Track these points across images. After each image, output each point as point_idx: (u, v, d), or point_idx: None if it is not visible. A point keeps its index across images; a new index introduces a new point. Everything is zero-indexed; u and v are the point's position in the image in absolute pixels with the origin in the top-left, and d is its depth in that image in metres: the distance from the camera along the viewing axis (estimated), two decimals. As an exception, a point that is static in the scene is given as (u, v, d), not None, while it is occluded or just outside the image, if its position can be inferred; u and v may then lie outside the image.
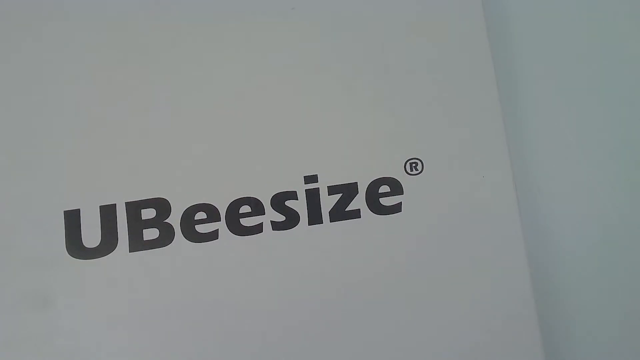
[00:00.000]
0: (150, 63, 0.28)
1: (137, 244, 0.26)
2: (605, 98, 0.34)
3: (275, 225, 0.27)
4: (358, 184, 0.28)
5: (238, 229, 0.27)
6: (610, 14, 0.36)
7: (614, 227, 0.33)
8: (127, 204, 0.26)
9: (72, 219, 0.26)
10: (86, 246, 0.26)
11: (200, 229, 0.26)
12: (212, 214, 0.27)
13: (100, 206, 0.26)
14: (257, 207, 0.27)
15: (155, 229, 0.26)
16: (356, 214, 0.27)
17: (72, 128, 0.26)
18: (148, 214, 0.26)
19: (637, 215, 0.33)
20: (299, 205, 0.27)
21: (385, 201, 0.28)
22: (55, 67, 0.27)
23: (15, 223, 0.25)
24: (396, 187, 0.28)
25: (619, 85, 0.35)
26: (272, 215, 0.27)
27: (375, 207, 0.28)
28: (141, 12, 0.28)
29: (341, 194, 0.28)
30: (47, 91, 0.27)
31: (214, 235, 0.27)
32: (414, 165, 0.28)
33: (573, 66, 0.35)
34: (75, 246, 0.26)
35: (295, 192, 0.27)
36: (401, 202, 0.28)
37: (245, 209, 0.27)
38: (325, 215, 0.27)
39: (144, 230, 0.26)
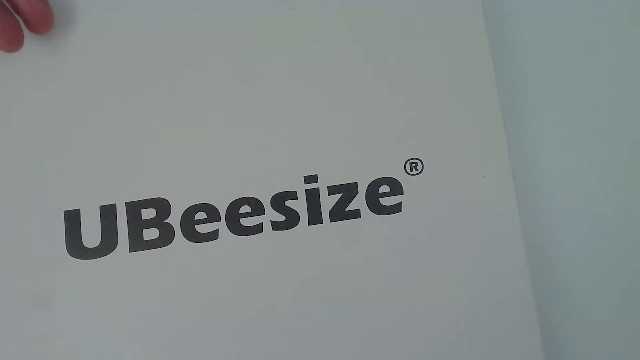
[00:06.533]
0: (150, 63, 0.28)
1: (137, 244, 0.26)
2: (606, 97, 0.34)
3: (275, 225, 0.27)
4: (358, 184, 0.28)
5: (238, 229, 0.27)
6: (610, 13, 0.36)
7: (614, 226, 0.33)
8: (127, 204, 0.26)
9: (72, 219, 0.26)
10: (86, 246, 0.26)
11: (200, 229, 0.26)
12: (212, 214, 0.27)
13: (100, 206, 0.26)
14: (257, 207, 0.27)
15: (156, 229, 0.26)
16: (356, 214, 0.27)
17: (72, 128, 0.27)
18: (148, 214, 0.26)
19: (637, 215, 0.33)
20: (299, 205, 0.27)
21: (385, 201, 0.28)
22: (55, 67, 0.27)
23: (16, 223, 0.25)
24: (396, 187, 0.28)
25: (619, 85, 0.35)
26: (272, 215, 0.27)
27: (375, 207, 0.28)
28: (141, 13, 0.28)
29: (341, 194, 0.28)
30: (47, 91, 0.27)
31: (214, 235, 0.27)
32: (414, 165, 0.28)
33: (573, 66, 0.35)
34: (76, 246, 0.26)
35: (295, 192, 0.27)
36: (401, 202, 0.28)
37: (245, 209, 0.27)
38: (325, 215, 0.27)
39: (144, 230, 0.26)
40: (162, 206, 0.26)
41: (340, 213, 0.27)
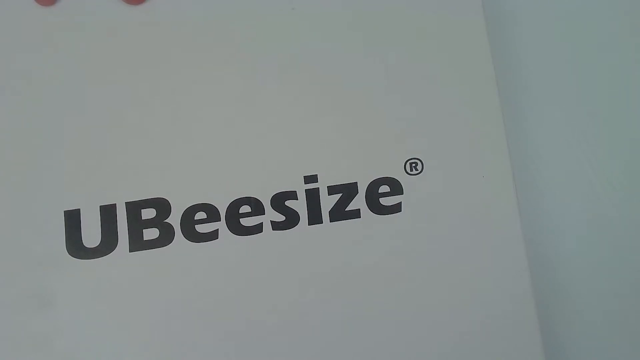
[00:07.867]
0: (150, 63, 0.28)
1: (137, 243, 0.26)
2: (605, 97, 0.34)
3: (275, 225, 0.27)
4: (358, 184, 0.28)
5: (238, 229, 0.27)
6: (609, 13, 0.36)
7: (613, 226, 0.33)
8: (127, 203, 0.26)
9: (72, 218, 0.26)
10: (86, 246, 0.26)
11: (200, 228, 0.26)
12: (212, 213, 0.27)
13: (100, 206, 0.26)
14: (257, 207, 0.27)
15: (155, 228, 0.26)
16: (356, 214, 0.27)
17: (73, 128, 0.26)
18: (148, 213, 0.26)
19: (637, 215, 0.33)
20: (299, 205, 0.27)
21: (385, 201, 0.28)
22: (55, 68, 0.27)
23: (16, 223, 0.25)
24: (396, 187, 0.28)
25: (618, 85, 0.35)
26: (272, 215, 0.27)
27: (375, 207, 0.28)
28: (141, 13, 0.28)
29: (341, 194, 0.28)
30: (48, 92, 0.27)
31: (214, 235, 0.27)
32: (414, 165, 0.28)
33: (573, 66, 0.35)
34: (76, 246, 0.26)
35: (295, 192, 0.27)
36: (401, 202, 0.28)
37: (245, 209, 0.27)
38: (325, 215, 0.27)
39: (144, 230, 0.26)
40: (162, 206, 0.26)
41: (340, 213, 0.27)
